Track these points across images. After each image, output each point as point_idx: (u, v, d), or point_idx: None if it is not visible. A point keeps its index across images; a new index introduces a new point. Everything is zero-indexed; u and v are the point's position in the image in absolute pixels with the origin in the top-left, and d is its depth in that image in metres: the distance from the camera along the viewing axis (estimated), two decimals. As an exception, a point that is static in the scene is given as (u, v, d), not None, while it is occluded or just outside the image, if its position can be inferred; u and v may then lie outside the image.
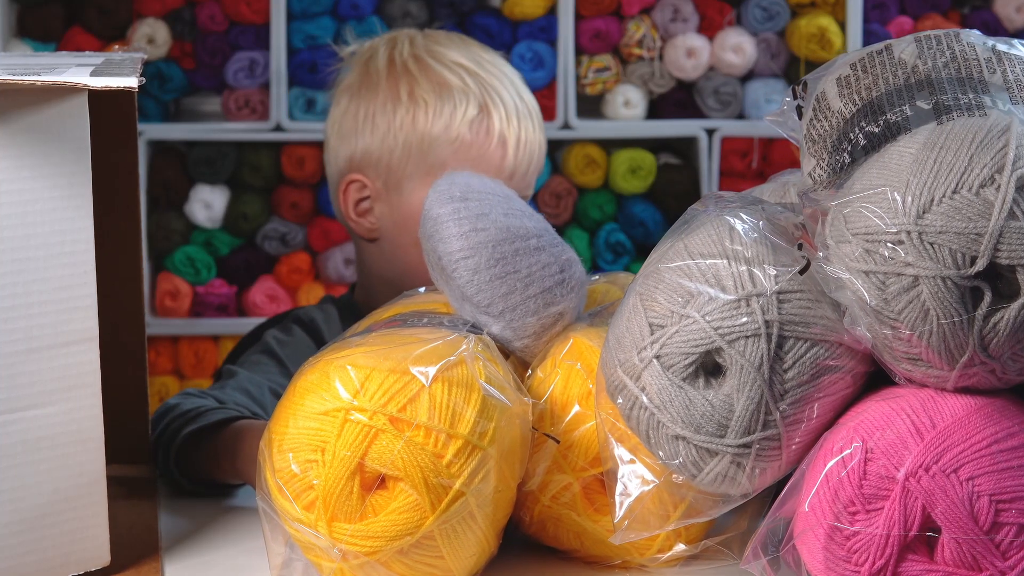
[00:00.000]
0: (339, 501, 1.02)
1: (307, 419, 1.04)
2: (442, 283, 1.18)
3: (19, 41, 3.07)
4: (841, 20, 3.18)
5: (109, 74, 1.02)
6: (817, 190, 0.98)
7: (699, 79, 3.20)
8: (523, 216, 1.17)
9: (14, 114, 1.01)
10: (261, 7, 3.10)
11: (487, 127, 1.64)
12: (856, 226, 0.93)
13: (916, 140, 0.94)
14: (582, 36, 3.16)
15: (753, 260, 0.98)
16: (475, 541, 1.05)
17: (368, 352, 1.05)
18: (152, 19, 3.11)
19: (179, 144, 3.18)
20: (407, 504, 1.02)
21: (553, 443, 1.10)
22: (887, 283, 0.91)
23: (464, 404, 1.03)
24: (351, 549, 1.02)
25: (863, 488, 0.93)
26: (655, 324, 0.99)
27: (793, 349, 0.97)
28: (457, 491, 1.02)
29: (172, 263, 3.15)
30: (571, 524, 1.12)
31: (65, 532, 1.08)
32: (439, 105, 1.64)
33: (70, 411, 1.07)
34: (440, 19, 3.14)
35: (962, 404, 0.94)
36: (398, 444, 1.01)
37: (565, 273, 1.16)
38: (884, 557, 0.92)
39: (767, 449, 0.97)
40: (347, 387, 1.03)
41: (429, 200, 1.17)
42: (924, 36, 1.00)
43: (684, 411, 0.98)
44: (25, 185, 1.02)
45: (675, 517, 1.04)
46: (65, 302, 1.05)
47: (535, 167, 1.68)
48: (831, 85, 1.00)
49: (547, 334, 1.16)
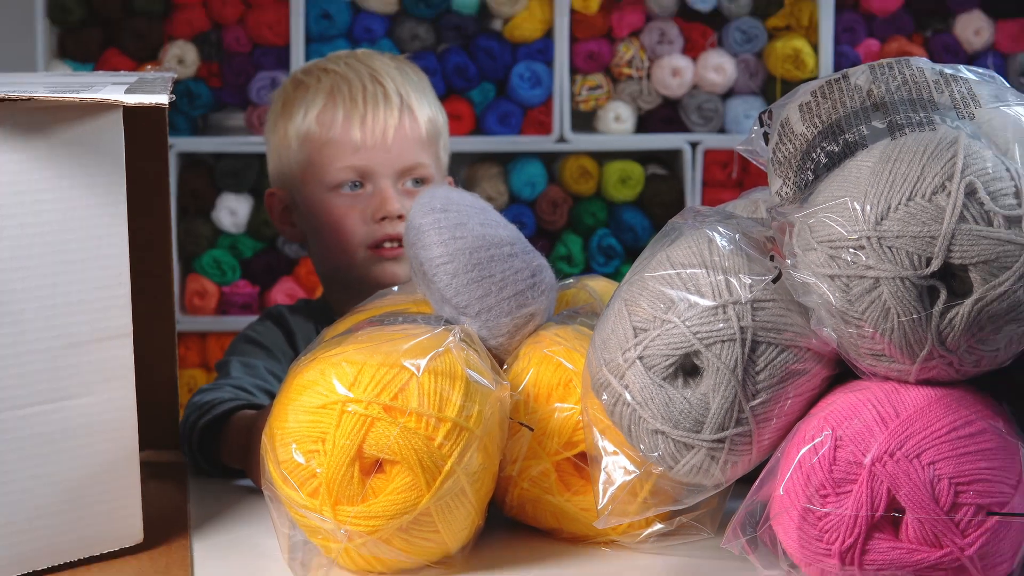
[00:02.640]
0: (341, 486, 1.03)
1: (307, 413, 1.04)
2: (423, 286, 1.18)
3: (59, 62, 3.07)
4: (814, 42, 3.18)
5: (142, 92, 1.02)
6: (784, 205, 0.98)
7: (683, 96, 3.20)
8: (498, 226, 1.18)
9: (55, 128, 1.01)
10: (282, 31, 3.09)
11: (331, 116, 1.63)
12: (820, 234, 0.93)
13: (872, 154, 0.94)
14: (576, 57, 3.16)
15: (730, 270, 0.98)
16: (466, 515, 1.06)
17: (359, 348, 1.06)
18: (182, 41, 3.11)
19: (207, 156, 3.18)
20: (404, 485, 1.03)
21: (527, 431, 1.10)
22: (850, 285, 0.92)
23: (450, 390, 1.04)
24: (355, 529, 1.03)
25: (833, 473, 0.93)
26: (639, 328, 1.00)
27: (765, 353, 0.97)
28: (449, 470, 1.03)
29: (200, 265, 3.15)
30: (548, 505, 1.13)
31: (101, 512, 1.08)
32: (296, 109, 1.66)
33: (106, 401, 1.07)
34: (446, 41, 3.14)
35: (923, 395, 0.94)
36: (393, 430, 1.02)
37: (536, 278, 1.16)
38: (853, 536, 0.92)
39: (739, 444, 0.98)
40: (343, 381, 1.03)
41: (412, 211, 1.18)
42: (877, 64, 1.01)
43: (664, 408, 0.98)
44: (64, 194, 1.02)
45: (650, 503, 1.04)
46: (101, 301, 1.05)
47: (403, 139, 1.64)
48: (794, 111, 1.01)
49: (520, 333, 1.16)
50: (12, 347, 1.01)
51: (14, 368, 1.02)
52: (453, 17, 3.13)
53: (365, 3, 3.12)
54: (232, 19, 3.11)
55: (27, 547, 1.05)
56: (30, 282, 1.01)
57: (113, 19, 3.11)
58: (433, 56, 3.12)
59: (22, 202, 1.00)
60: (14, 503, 1.03)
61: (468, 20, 3.14)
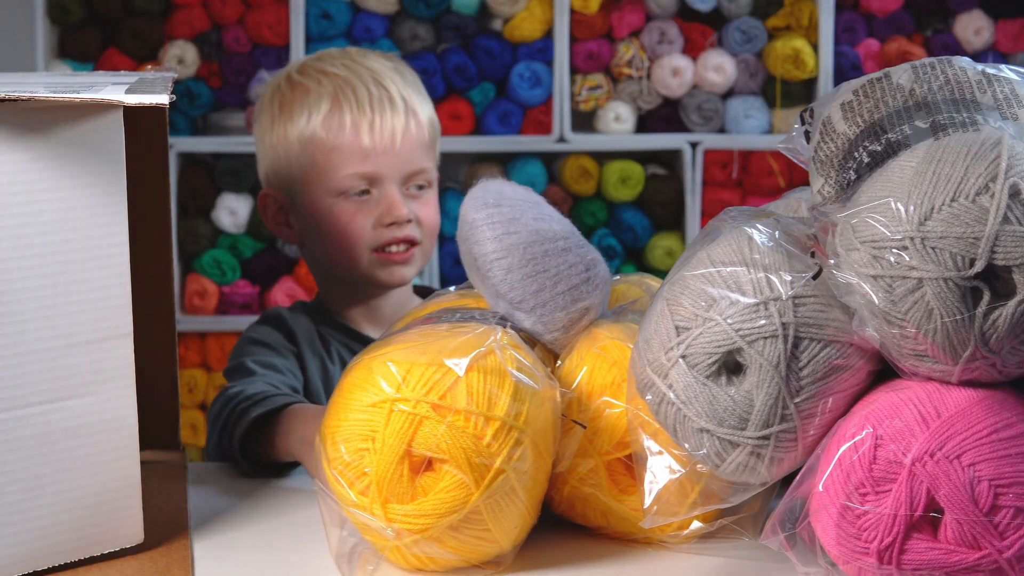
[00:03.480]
0: (391, 485, 1.03)
1: (356, 412, 1.05)
2: (477, 282, 1.18)
3: (60, 61, 3.07)
4: (814, 42, 3.18)
5: (142, 92, 1.02)
6: (826, 205, 0.99)
7: (683, 96, 3.20)
8: (551, 220, 1.18)
9: (55, 128, 1.01)
10: (282, 30, 3.10)
11: (339, 120, 1.63)
12: (864, 235, 0.93)
13: (916, 155, 0.94)
14: (576, 57, 3.16)
15: (770, 267, 0.99)
16: (518, 514, 1.06)
17: (405, 348, 1.06)
18: (182, 41, 3.11)
19: (207, 156, 3.18)
20: (453, 483, 1.03)
21: (580, 428, 1.11)
22: (893, 286, 0.92)
23: (498, 390, 1.04)
24: (405, 528, 1.03)
25: (873, 471, 0.93)
26: (681, 327, 1.00)
27: (808, 349, 0.97)
28: (498, 468, 1.03)
29: (200, 265, 3.15)
30: (597, 503, 1.13)
31: (102, 512, 1.08)
32: (298, 112, 1.65)
33: (107, 401, 1.07)
34: (446, 41, 3.14)
35: (965, 396, 0.94)
36: (441, 429, 1.02)
37: (590, 272, 1.16)
38: (891, 535, 0.92)
39: (784, 441, 0.98)
40: (389, 381, 1.04)
41: (465, 206, 1.18)
42: (919, 63, 1.01)
43: (708, 406, 0.98)
44: (65, 194, 1.02)
45: (698, 503, 1.04)
46: (102, 301, 1.05)
47: (410, 143, 1.64)
48: (836, 110, 1.01)
49: (575, 328, 1.16)
50: (12, 347, 1.01)
51: (14, 368, 1.02)
52: (453, 17, 3.13)
53: (365, 3, 3.12)
54: (232, 19, 3.11)
55: (27, 547, 1.04)
56: (30, 282, 1.01)
57: (113, 19, 3.11)
58: (433, 56, 3.13)
59: (22, 202, 1.00)
60: (14, 503, 1.03)
61: (468, 20, 3.14)
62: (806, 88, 3.21)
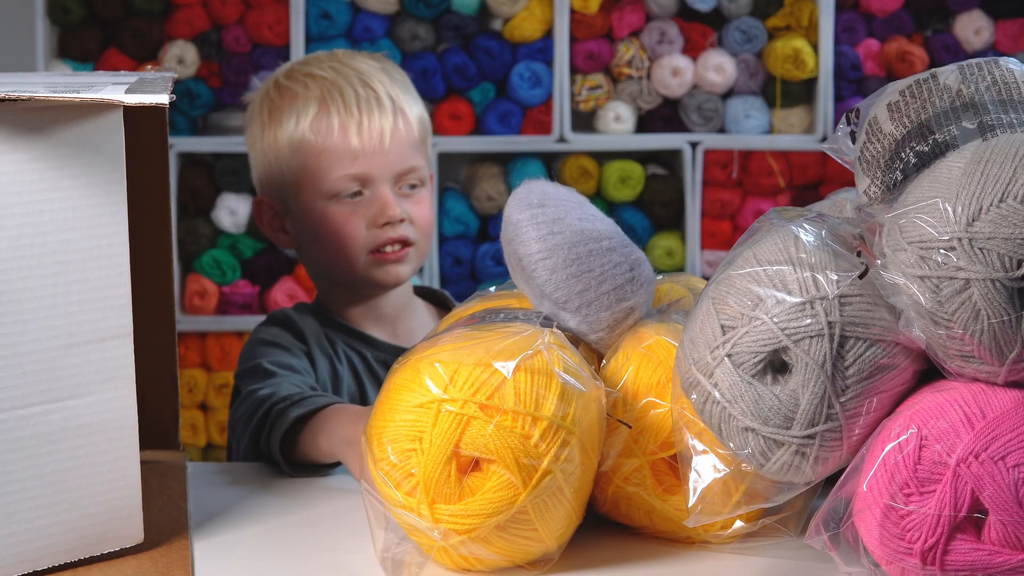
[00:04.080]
0: (438, 485, 1.03)
1: (403, 412, 1.05)
2: (521, 282, 1.18)
3: (59, 61, 3.07)
4: (814, 42, 3.18)
5: (142, 92, 1.02)
6: (872, 205, 0.99)
7: (683, 96, 3.20)
8: (595, 220, 1.18)
9: (55, 128, 1.01)
10: (282, 30, 3.10)
11: (327, 123, 1.62)
12: (911, 235, 0.93)
13: (964, 155, 0.94)
14: (576, 57, 3.16)
15: (816, 266, 0.99)
16: (564, 513, 1.06)
17: (452, 349, 1.06)
18: (182, 41, 3.11)
19: (207, 156, 3.18)
20: (501, 483, 1.03)
21: (625, 428, 1.11)
22: (941, 287, 0.92)
23: (545, 390, 1.04)
24: (451, 528, 1.03)
25: (917, 472, 0.93)
26: (727, 326, 1.00)
27: (854, 348, 0.97)
28: (545, 468, 1.03)
29: (200, 265, 3.15)
30: (641, 503, 1.13)
31: (102, 512, 1.08)
32: (287, 117, 1.64)
33: (107, 401, 1.07)
34: (446, 41, 3.14)
35: (1011, 397, 0.94)
36: (489, 429, 1.02)
37: (635, 271, 1.16)
38: (935, 536, 0.92)
39: (829, 440, 0.98)
40: (436, 382, 1.04)
41: (509, 207, 1.18)
42: (967, 64, 1.01)
43: (753, 405, 0.98)
44: (65, 193, 1.02)
45: (742, 503, 1.04)
46: (102, 301, 1.05)
47: (399, 143, 1.63)
48: (882, 110, 1.01)
49: (619, 327, 1.16)
50: (12, 347, 1.01)
51: (14, 368, 1.02)
52: (453, 17, 3.13)
53: (365, 3, 3.12)
54: (232, 19, 3.11)
55: (27, 547, 1.04)
56: (30, 282, 1.01)
57: (113, 19, 3.11)
58: (433, 56, 3.13)
59: (22, 202, 1.00)
60: (14, 503, 1.03)
61: (468, 20, 3.14)
62: (806, 88, 3.21)
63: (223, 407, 3.14)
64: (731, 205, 3.24)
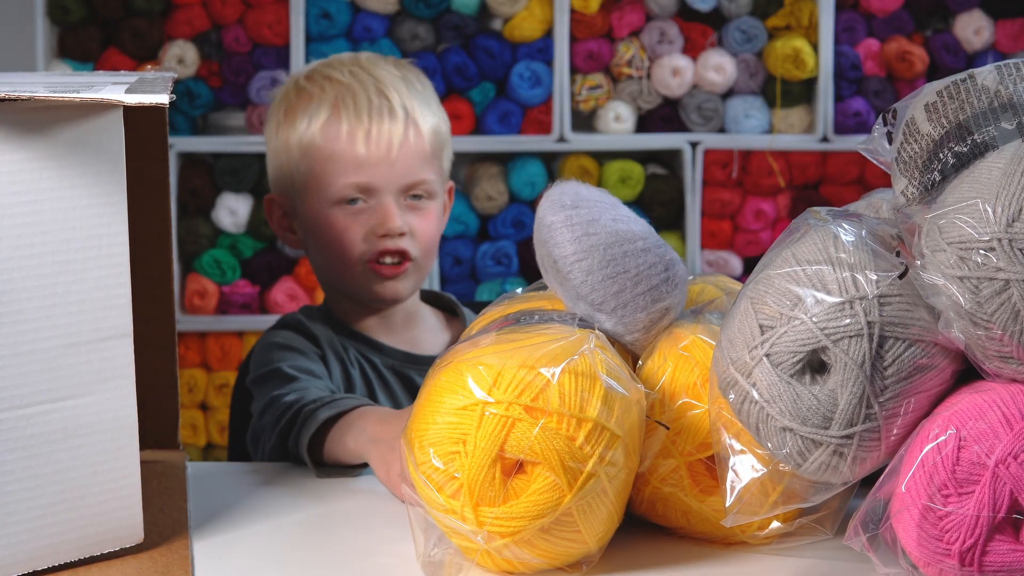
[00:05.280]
0: (483, 487, 1.03)
1: (446, 415, 1.04)
2: (555, 284, 1.17)
3: (59, 61, 3.07)
4: (814, 42, 3.18)
5: (142, 92, 1.02)
6: (910, 206, 0.99)
7: (683, 96, 3.20)
8: (629, 221, 1.18)
9: (55, 128, 1.01)
10: (282, 30, 3.10)
11: (336, 128, 1.62)
12: (950, 236, 0.93)
13: (1003, 156, 0.94)
14: (576, 57, 3.16)
15: (856, 266, 0.98)
16: (607, 515, 1.06)
17: (496, 352, 1.06)
18: (182, 41, 3.11)
19: (206, 156, 3.18)
20: (546, 485, 1.03)
21: (663, 429, 1.10)
22: (980, 287, 0.92)
23: (589, 393, 1.04)
24: (496, 531, 1.03)
25: (956, 473, 0.93)
26: (765, 325, 1.00)
27: (893, 348, 0.97)
28: (590, 471, 1.03)
29: (200, 265, 3.15)
30: (678, 504, 1.13)
31: (102, 512, 1.08)
32: (300, 118, 1.64)
33: (106, 401, 1.07)
34: (446, 41, 3.14)
35: None
36: (534, 431, 1.02)
37: (670, 271, 1.16)
38: (973, 537, 0.92)
39: (867, 440, 0.98)
40: (481, 384, 1.04)
41: (542, 209, 1.18)
42: (1004, 64, 1.01)
43: (792, 405, 0.98)
44: (65, 193, 1.02)
45: (779, 503, 1.04)
46: (102, 301, 1.05)
47: (407, 154, 1.62)
48: (920, 111, 1.00)
49: (655, 328, 1.16)
50: (12, 347, 1.01)
51: (14, 368, 1.02)
52: (453, 17, 3.13)
53: (365, 3, 3.12)
54: (232, 19, 3.11)
55: (27, 547, 1.04)
56: (30, 282, 1.01)
57: (113, 19, 3.11)
58: (433, 56, 3.13)
59: (22, 202, 1.00)
60: (14, 503, 1.03)
61: (468, 20, 3.14)
62: (806, 88, 3.21)
63: (223, 407, 3.14)
64: (731, 205, 3.24)
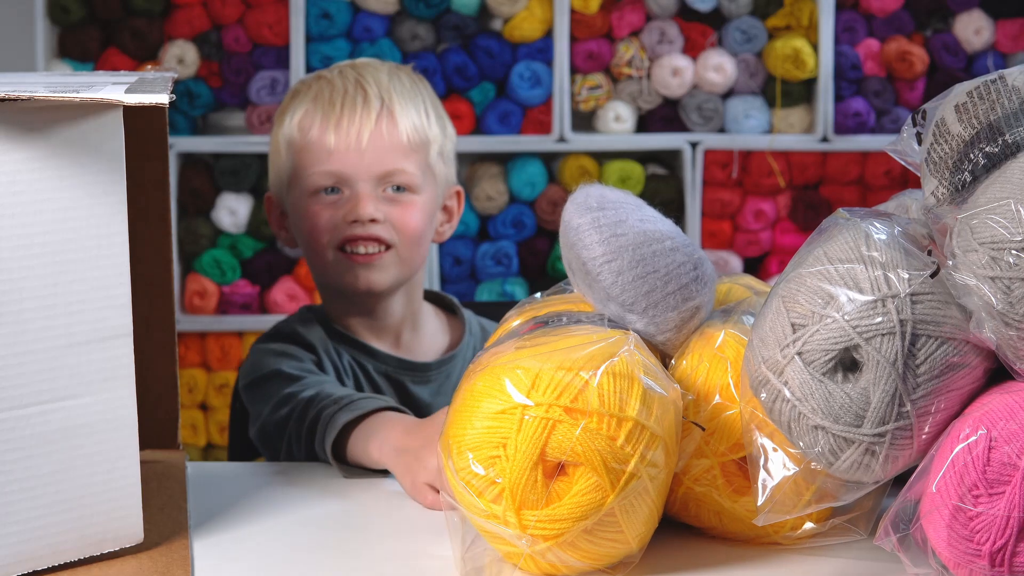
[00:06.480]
0: (525, 491, 1.03)
1: (484, 420, 1.04)
2: (583, 286, 1.17)
3: (59, 61, 3.07)
4: (814, 42, 3.18)
5: (142, 91, 1.02)
6: (941, 206, 0.99)
7: (683, 96, 3.20)
8: (656, 221, 1.17)
9: (55, 128, 1.01)
10: (282, 30, 3.10)
11: (310, 120, 1.63)
12: (982, 236, 0.93)
13: None
14: (576, 57, 3.16)
15: (888, 265, 0.99)
16: (648, 515, 1.06)
17: (531, 355, 1.06)
18: (182, 41, 3.11)
19: (206, 156, 3.18)
20: (589, 486, 1.03)
21: (698, 430, 1.10)
22: (1012, 288, 0.92)
23: (627, 393, 1.04)
24: (540, 534, 1.03)
25: (986, 473, 0.93)
26: (797, 324, 1.00)
27: (925, 346, 0.97)
28: (632, 470, 1.03)
29: (200, 265, 3.15)
30: (711, 504, 1.13)
31: (102, 512, 1.08)
32: (286, 115, 1.65)
33: (106, 401, 1.07)
34: (446, 41, 3.14)
35: None
36: (575, 432, 1.02)
37: (699, 270, 1.16)
38: (1004, 537, 0.92)
39: (900, 438, 0.98)
40: (519, 387, 1.03)
41: (568, 211, 1.18)
42: None
43: (824, 403, 0.98)
44: (65, 193, 1.02)
45: (812, 502, 1.04)
46: (102, 301, 1.05)
47: (379, 143, 1.61)
48: (950, 112, 1.00)
49: (686, 327, 1.16)
50: (12, 347, 1.01)
51: (14, 368, 1.02)
52: (453, 17, 3.13)
53: (365, 3, 3.12)
54: (232, 19, 3.11)
55: (27, 547, 1.05)
56: (30, 282, 1.01)
57: (113, 19, 3.11)
58: (433, 56, 3.13)
59: (22, 202, 1.00)
60: (14, 503, 1.03)
61: (468, 20, 3.14)
62: (806, 88, 3.21)
63: (223, 407, 3.14)
64: (731, 205, 3.24)
